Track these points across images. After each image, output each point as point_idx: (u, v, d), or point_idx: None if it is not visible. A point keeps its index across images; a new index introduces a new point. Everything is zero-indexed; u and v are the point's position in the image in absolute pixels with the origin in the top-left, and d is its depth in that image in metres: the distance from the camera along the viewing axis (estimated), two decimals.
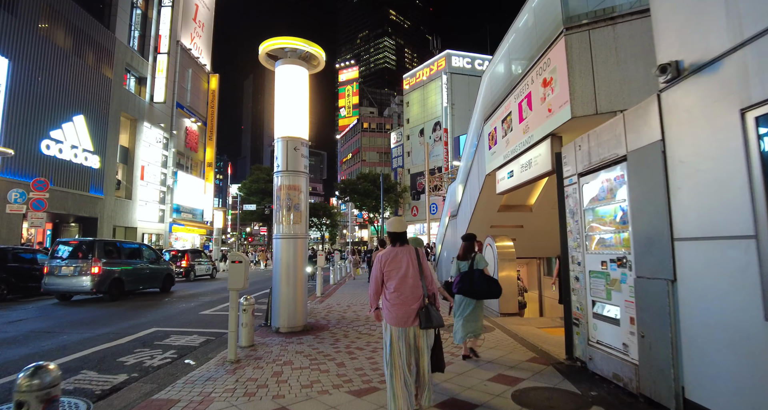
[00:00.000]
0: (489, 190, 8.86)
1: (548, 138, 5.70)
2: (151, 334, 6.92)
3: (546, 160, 5.75)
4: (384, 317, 3.21)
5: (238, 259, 4.92)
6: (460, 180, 11.61)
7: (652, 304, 3.26)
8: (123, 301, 11.04)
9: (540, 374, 4.36)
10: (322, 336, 6.27)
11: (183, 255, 19.16)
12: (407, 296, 3.09)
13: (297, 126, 6.92)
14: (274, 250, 6.79)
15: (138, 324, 7.85)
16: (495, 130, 7.95)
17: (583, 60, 5.01)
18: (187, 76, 34.66)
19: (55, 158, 20.48)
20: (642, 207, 3.44)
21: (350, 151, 75.09)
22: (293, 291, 6.63)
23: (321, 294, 11.33)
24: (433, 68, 55.81)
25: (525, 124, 6.44)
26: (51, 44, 20.45)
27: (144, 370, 4.86)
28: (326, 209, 59.37)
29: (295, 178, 6.79)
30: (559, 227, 5.16)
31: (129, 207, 27.01)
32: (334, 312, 8.66)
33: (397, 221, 3.36)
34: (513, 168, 7.06)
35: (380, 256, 3.26)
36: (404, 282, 3.12)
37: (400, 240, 3.29)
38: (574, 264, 4.60)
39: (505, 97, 7.38)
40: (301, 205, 6.79)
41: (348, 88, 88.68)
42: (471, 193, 9.96)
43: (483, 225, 10.23)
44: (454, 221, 12.02)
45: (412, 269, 3.14)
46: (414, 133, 57.06)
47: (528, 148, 6.35)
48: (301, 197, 6.81)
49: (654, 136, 3.26)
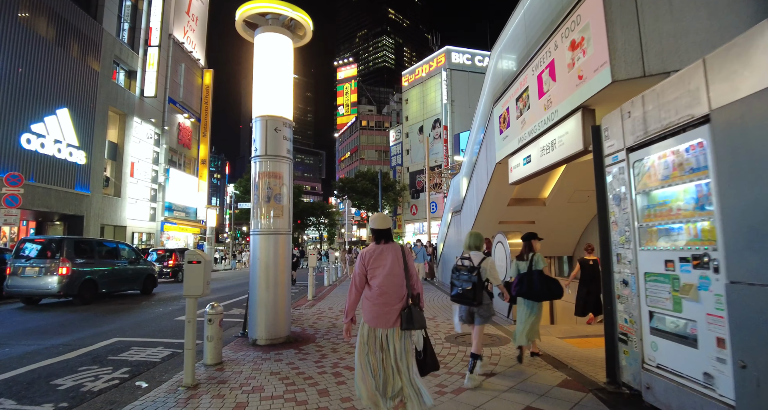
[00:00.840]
0: (499, 181, 7.88)
1: (578, 111, 4.72)
2: (109, 346, 5.92)
3: (575, 139, 4.77)
4: (363, 315, 3.04)
5: (195, 259, 3.93)
6: (465, 173, 10.63)
7: (763, 323, 2.28)
8: (96, 305, 10.03)
9: (580, 406, 3.38)
10: (306, 351, 5.27)
11: (170, 254, 18.16)
12: (390, 295, 2.95)
13: (278, 103, 5.93)
14: (251, 249, 5.80)
15: (100, 332, 6.85)
16: (507, 111, 6.97)
17: (626, 10, 4.02)
18: (180, 70, 33.60)
19: (37, 153, 19.44)
20: (739, 184, 2.45)
21: (348, 150, 74.05)
22: (273, 296, 5.64)
23: (312, 297, 10.34)
24: (433, 65, 54.84)
25: (546, 98, 5.45)
26: (32, 34, 19.42)
27: (78, 398, 3.87)
28: (324, 208, 58.38)
29: (275, 163, 5.80)
30: (596, 218, 4.17)
31: (118, 205, 25.98)
32: (324, 319, 7.66)
33: (380, 217, 3.19)
34: (530, 152, 6.07)
35: (363, 253, 3.09)
36: (388, 280, 2.97)
37: (384, 238, 3.13)
38: (621, 264, 3.61)
39: (521, 71, 6.39)
40: (283, 196, 5.80)
41: (346, 85, 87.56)
42: (478, 185, 8.98)
43: (491, 221, 9.25)
44: (458, 217, 11.05)
45: (397, 267, 3.00)
46: (413, 130, 56.09)
47: (550, 127, 5.37)
48: (283, 186, 5.82)
49: (764, 80, 2.28)
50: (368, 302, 3.01)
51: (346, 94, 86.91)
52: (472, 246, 4.28)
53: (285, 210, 5.81)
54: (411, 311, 2.90)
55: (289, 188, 5.94)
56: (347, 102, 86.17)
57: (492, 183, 7.99)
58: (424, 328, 2.97)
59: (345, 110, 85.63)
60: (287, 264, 5.84)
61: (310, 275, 10.37)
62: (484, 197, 8.44)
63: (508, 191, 8.32)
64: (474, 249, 4.26)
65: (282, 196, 5.78)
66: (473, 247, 4.27)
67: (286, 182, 5.86)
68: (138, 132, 27.96)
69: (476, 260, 4.10)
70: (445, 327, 6.70)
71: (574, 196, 8.67)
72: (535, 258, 4.72)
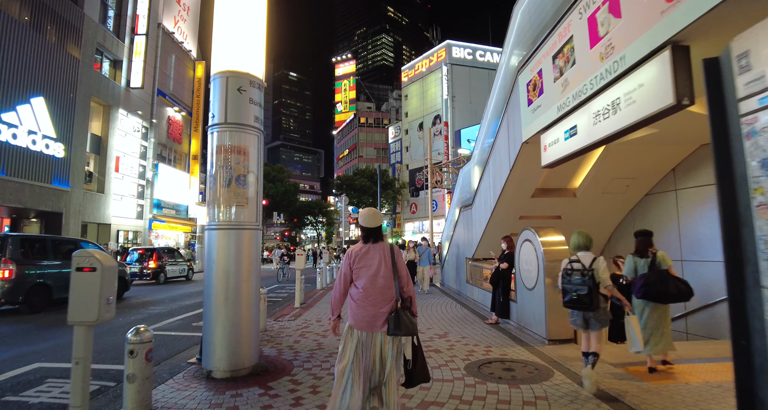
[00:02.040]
0: (525, 166, 6.45)
1: (664, 51, 3.28)
2: (20, 377, 4.48)
3: (658, 90, 3.33)
4: (348, 318, 2.88)
5: (87, 265, 2.48)
6: (477, 161, 9.19)
7: None
8: (46, 314, 8.57)
9: None
10: (276, 390, 3.82)
11: (151, 254, 16.68)
12: (376, 297, 2.79)
13: (243, 55, 4.46)
14: (206, 248, 4.35)
15: (23, 354, 5.40)
16: (539, 75, 5.52)
17: None
18: (170, 62, 32.13)
19: (8, 144, 17.93)
20: None
21: (347, 147, 72.56)
22: (235, 313, 4.20)
23: (300, 305, 8.90)
24: (433, 59, 53.50)
25: (605, 44, 4.01)
26: (3, 16, 17.92)
27: None
28: (322, 207, 56.98)
29: (239, 135, 4.34)
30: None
31: (101, 201, 24.48)
32: (309, 336, 6.21)
33: (371, 214, 2.96)
34: (577, 121, 4.63)
35: (350, 252, 2.93)
36: (374, 281, 2.82)
37: (373, 236, 2.93)
38: None
39: (560, 19, 4.95)
40: (249, 178, 4.35)
41: (345, 82, 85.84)
42: (495, 173, 7.54)
43: (509, 215, 7.83)
44: (468, 213, 9.61)
45: (384, 268, 2.83)
46: (413, 127, 54.72)
47: (611, 82, 3.93)
48: (250, 165, 4.37)
49: None
50: (354, 304, 2.86)
51: (345, 90, 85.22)
52: (580, 246, 4.01)
53: (252, 198, 4.36)
54: (399, 315, 2.71)
55: (258, 169, 4.49)
56: (345, 99, 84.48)
57: (515, 168, 6.55)
58: (414, 335, 2.76)
59: (343, 107, 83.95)
60: (254, 270, 4.39)
61: (298, 278, 8.91)
62: (504, 187, 7.00)
63: (534, 179, 6.90)
64: (583, 249, 3.99)
65: (247, 178, 4.33)
66: (582, 247, 4.01)
67: (254, 161, 4.41)
68: (124, 125, 26.47)
69: (587, 261, 3.85)
70: (462, 350, 5.24)
71: (611, 186, 7.25)
72: (660, 256, 4.20)
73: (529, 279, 5.82)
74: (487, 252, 9.00)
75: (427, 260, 11.33)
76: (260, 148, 4.57)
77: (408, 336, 2.73)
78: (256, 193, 4.42)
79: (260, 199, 4.51)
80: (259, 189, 4.50)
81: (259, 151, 4.53)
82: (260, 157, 4.55)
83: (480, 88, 50.88)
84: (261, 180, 4.58)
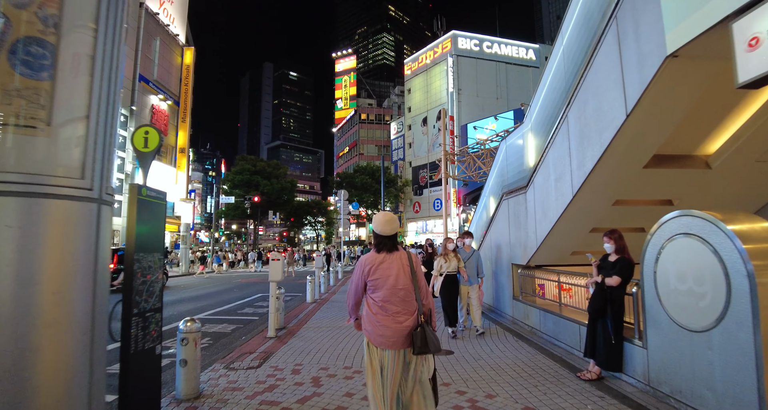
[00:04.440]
0: (661, 103, 3.65)
1: None
2: None
3: None
4: (365, 334, 2.61)
5: None
6: (537, 122, 6.35)
7: None
8: None
9: None
10: None
11: (111, 256, 13.83)
12: (397, 311, 2.52)
13: None
14: None
15: None
16: None
17: None
18: (154, 46, 29.41)
19: None
20: None
21: (347, 145, 69.70)
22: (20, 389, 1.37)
23: (276, 332, 6.07)
24: (438, 51, 50.81)
25: None
26: None
27: None
28: (321, 206, 54.26)
29: None
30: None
31: None
32: None
33: (386, 219, 2.66)
34: None
35: (363, 261, 2.64)
36: (394, 293, 2.54)
37: (388, 246, 2.64)
38: None
39: None
40: (62, 50, 1.53)
41: (345, 78, 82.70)
42: (586, 130, 4.68)
43: (600, 200, 5.03)
44: (518, 199, 6.80)
45: (403, 278, 2.56)
46: (416, 122, 51.99)
47: None
48: (65, 9, 1.54)
49: None
50: (372, 317, 2.56)
51: (345, 86, 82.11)
52: None
53: (77, 107, 1.54)
54: (425, 331, 2.45)
55: (110, 38, 1.67)
56: (346, 95, 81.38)
57: (638, 112, 3.72)
58: (439, 352, 2.46)
59: (343, 104, 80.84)
60: (78, 302, 1.57)
61: (272, 296, 6.02)
62: (606, 150, 4.17)
63: (663, 130, 4.08)
64: None
65: (56, 51, 1.51)
66: None
67: (86, 8, 1.59)
68: None
69: None
70: None
71: None
72: None
73: (695, 312, 3.02)
74: (554, 254, 6.18)
75: (476, 273, 6.36)
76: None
77: (436, 353, 2.47)
78: (92, 104, 1.60)
79: (112, 119, 1.70)
80: (110, 97, 1.69)
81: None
82: (117, 12, 1.73)
83: (487, 81, 48.21)
84: (117, 75, 1.75)
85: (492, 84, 48.94)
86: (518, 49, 51.38)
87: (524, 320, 6.51)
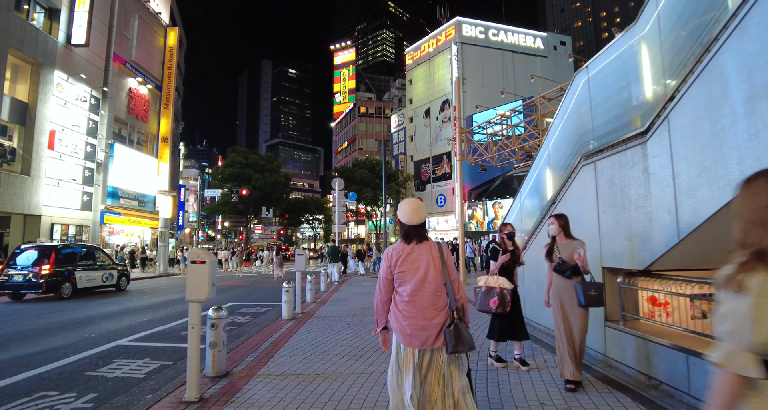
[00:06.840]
0: None
1: None
2: None
3: None
4: (393, 333, 2.42)
5: None
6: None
7: None
8: None
9: None
10: None
11: (47, 254, 11.08)
12: (426, 306, 2.34)
13: None
14: None
15: None
16: None
17: None
18: (132, 23, 26.67)
19: None
20: None
21: (346, 139, 67.00)
22: None
23: (203, 391, 3.36)
24: (441, 39, 48.05)
25: None
26: None
27: None
28: (318, 203, 51.60)
29: None
30: None
31: (27, 186, 18.92)
32: None
33: (413, 208, 2.47)
34: None
35: (389, 252, 2.47)
36: (422, 287, 2.36)
37: (417, 236, 2.45)
38: None
39: None
40: None
41: (344, 71, 79.86)
42: None
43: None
44: (622, 158, 4.08)
45: (433, 271, 2.38)
46: (418, 114, 49.27)
47: None
48: None
49: None
50: (399, 314, 2.38)
51: (344, 80, 79.29)
52: None
53: None
54: (458, 328, 2.28)
55: None
56: (344, 88, 78.56)
57: None
58: (473, 350, 2.34)
59: (342, 97, 78.06)
60: None
61: (192, 324, 3.26)
62: None
63: None
64: None
65: None
66: None
67: None
68: (65, 92, 20.93)
69: None
70: None
71: None
72: None
73: None
74: (704, 250, 3.42)
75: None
76: None
77: (470, 351, 2.31)
78: None
79: None
80: None
81: None
82: None
83: (493, 70, 45.45)
84: None
85: (498, 73, 46.16)
86: (525, 37, 48.65)
87: (629, 362, 3.76)
